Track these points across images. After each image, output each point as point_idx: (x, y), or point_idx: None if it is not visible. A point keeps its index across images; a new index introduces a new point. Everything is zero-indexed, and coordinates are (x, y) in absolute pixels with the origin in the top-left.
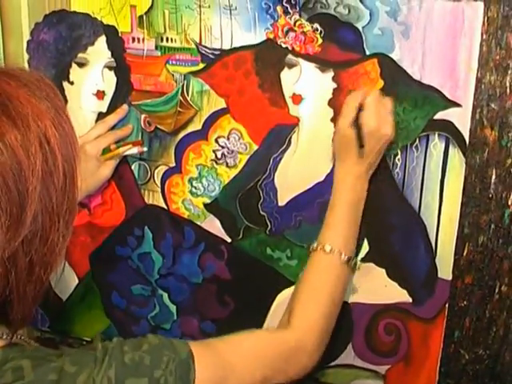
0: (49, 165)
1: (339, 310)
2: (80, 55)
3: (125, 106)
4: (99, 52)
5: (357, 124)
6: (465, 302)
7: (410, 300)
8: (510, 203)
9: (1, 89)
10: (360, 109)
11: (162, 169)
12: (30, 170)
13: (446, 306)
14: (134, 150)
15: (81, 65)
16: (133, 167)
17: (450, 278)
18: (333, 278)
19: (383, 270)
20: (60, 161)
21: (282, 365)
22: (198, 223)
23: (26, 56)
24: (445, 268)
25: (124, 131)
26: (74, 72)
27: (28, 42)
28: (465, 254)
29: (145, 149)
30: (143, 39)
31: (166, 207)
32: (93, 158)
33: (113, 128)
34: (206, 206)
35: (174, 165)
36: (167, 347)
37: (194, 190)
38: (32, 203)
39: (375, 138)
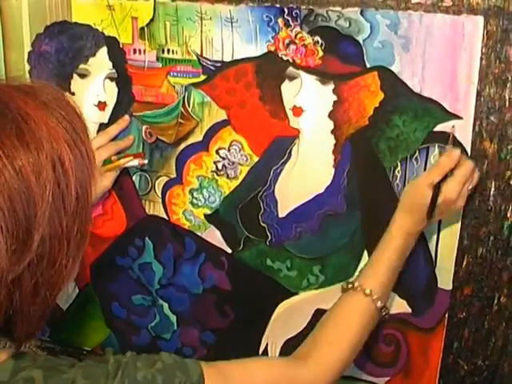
0: (61, 188)
1: (355, 355)
2: (81, 66)
3: (126, 117)
4: (100, 63)
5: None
6: (464, 313)
7: (410, 310)
8: (509, 215)
9: (17, 108)
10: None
11: (162, 180)
12: (39, 195)
13: (446, 316)
14: (135, 162)
15: (82, 76)
16: (134, 178)
17: (450, 287)
18: (363, 323)
19: None
20: (73, 184)
21: None
22: (199, 234)
23: (28, 67)
24: (444, 278)
25: (125, 142)
26: (76, 83)
27: (29, 52)
28: (464, 265)
29: (146, 161)
30: (144, 51)
31: (166, 218)
32: None
33: (114, 139)
34: (206, 216)
35: (174, 176)
36: (180, 368)
37: (194, 200)
38: (39, 228)
39: (447, 207)
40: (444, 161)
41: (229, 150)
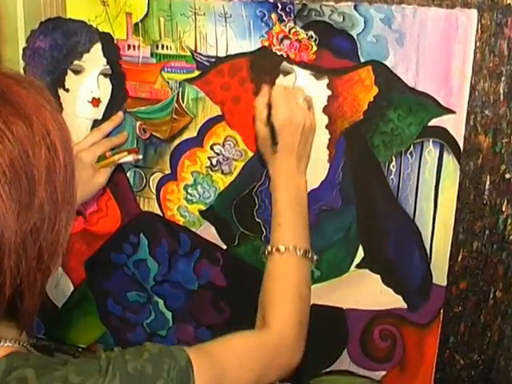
0: (51, 155)
1: (310, 303)
2: (75, 62)
3: (120, 113)
4: (95, 59)
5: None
6: (459, 308)
7: (405, 306)
8: (504, 209)
9: (1, 84)
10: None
11: (157, 176)
12: (35, 159)
13: (441, 311)
14: (130, 158)
15: (76, 72)
16: (128, 174)
17: (444, 283)
18: (295, 275)
19: (378, 276)
20: (60, 152)
21: (270, 361)
22: (194, 230)
23: (22, 63)
24: (439, 274)
25: (119, 139)
26: (70, 79)
27: (24, 49)
28: (459, 259)
29: (140, 157)
30: (138, 46)
31: (161, 214)
32: (88, 165)
33: (108, 135)
34: (201, 212)
35: (169, 172)
36: (167, 355)
37: (189, 197)
38: (40, 190)
39: (290, 130)
40: (258, 99)
41: (223, 146)
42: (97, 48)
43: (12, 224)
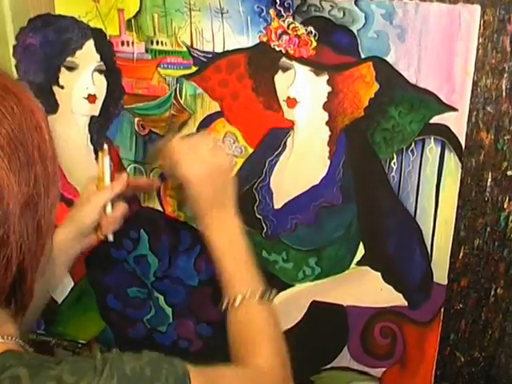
0: (38, 132)
1: (284, 341)
2: (69, 59)
3: (124, 175)
4: (88, 56)
5: None
6: (460, 305)
7: (406, 303)
8: (505, 206)
9: None
10: None
11: (157, 171)
12: (29, 134)
13: (442, 309)
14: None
15: (70, 69)
16: (128, 170)
17: (445, 281)
18: (259, 321)
19: (379, 274)
20: (45, 131)
21: None
22: (194, 226)
23: (13, 61)
24: (440, 271)
25: (120, 183)
26: (64, 76)
27: (14, 46)
28: (460, 257)
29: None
30: (132, 42)
31: (161, 210)
32: (96, 208)
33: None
34: None
35: None
36: (165, 361)
37: None
38: (34, 165)
39: (185, 184)
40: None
41: (223, 142)
42: (89, 44)
43: (15, 195)
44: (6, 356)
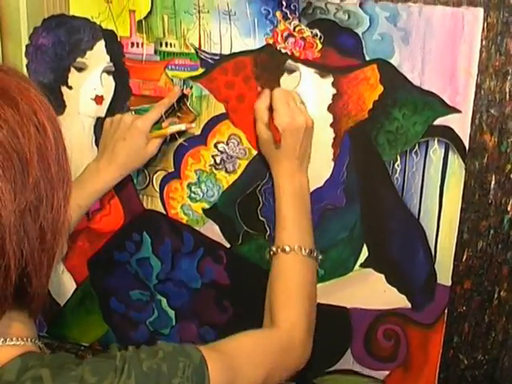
0: (41, 134)
1: (316, 302)
2: (79, 60)
3: (177, 88)
4: (98, 57)
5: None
6: (464, 308)
7: (409, 305)
8: (509, 209)
9: None
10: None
11: (160, 174)
12: (25, 139)
13: (446, 311)
14: (182, 127)
15: (79, 69)
16: (131, 172)
17: (449, 283)
18: (301, 274)
19: (382, 276)
20: (49, 131)
21: (279, 360)
22: (197, 228)
23: (25, 60)
24: (444, 273)
25: (170, 98)
26: (73, 77)
27: (27, 46)
28: (464, 259)
29: (193, 125)
30: (142, 44)
31: (164, 212)
32: (143, 133)
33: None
34: (204, 211)
35: (172, 170)
36: (181, 354)
37: (192, 195)
38: (33, 169)
39: (292, 132)
40: (258, 102)
41: (227, 144)
42: (100, 45)
43: (9, 205)
44: (27, 357)
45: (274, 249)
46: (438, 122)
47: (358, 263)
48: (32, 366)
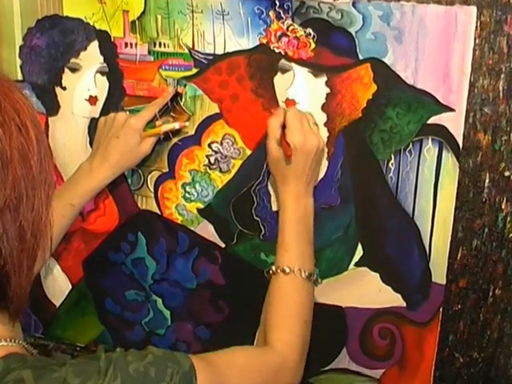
0: (22, 134)
1: (311, 326)
2: (72, 60)
3: (171, 88)
4: (92, 57)
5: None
6: (459, 306)
7: (404, 304)
8: (503, 207)
9: None
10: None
11: (155, 174)
12: (6, 138)
13: (441, 310)
14: (176, 126)
15: (73, 70)
16: (126, 173)
17: (444, 282)
18: (299, 297)
19: (377, 275)
20: (32, 131)
21: (271, 381)
22: (192, 228)
23: (19, 61)
24: (439, 272)
25: (164, 98)
26: (67, 77)
27: (20, 47)
28: (458, 257)
29: (187, 124)
30: (136, 44)
31: (159, 213)
32: (136, 132)
33: None
34: (199, 211)
35: (167, 170)
36: (170, 359)
37: (187, 195)
38: (13, 168)
39: (303, 152)
40: (271, 119)
41: (221, 144)
42: (94, 46)
43: None
44: (9, 359)
45: (273, 268)
46: (432, 120)
47: (353, 262)
48: (14, 368)
